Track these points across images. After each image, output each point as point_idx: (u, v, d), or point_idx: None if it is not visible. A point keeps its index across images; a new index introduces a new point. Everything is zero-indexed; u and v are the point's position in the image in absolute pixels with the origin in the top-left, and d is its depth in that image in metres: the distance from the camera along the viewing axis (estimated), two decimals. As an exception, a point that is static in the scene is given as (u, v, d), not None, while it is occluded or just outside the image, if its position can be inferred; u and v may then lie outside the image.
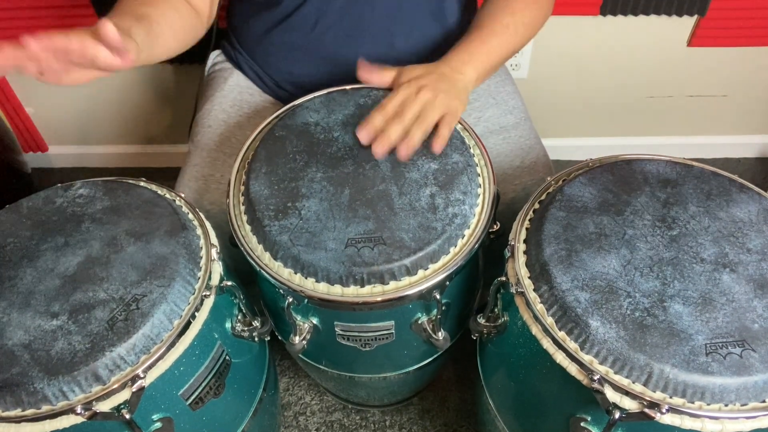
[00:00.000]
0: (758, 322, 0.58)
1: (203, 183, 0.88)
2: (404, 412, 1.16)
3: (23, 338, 0.60)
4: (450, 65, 0.78)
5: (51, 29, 0.58)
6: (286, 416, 1.17)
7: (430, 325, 0.74)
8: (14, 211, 0.72)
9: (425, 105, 0.72)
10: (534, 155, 0.90)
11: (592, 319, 0.59)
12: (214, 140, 0.93)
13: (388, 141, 0.71)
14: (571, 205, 0.69)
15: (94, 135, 1.60)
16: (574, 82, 1.44)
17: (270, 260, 0.69)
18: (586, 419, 0.63)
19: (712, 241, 0.65)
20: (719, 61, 1.39)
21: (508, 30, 0.82)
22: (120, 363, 0.59)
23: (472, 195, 0.72)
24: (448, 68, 0.77)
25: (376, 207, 0.70)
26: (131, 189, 0.74)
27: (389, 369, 0.86)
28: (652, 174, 0.73)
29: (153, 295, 0.63)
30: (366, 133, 0.72)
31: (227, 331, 0.72)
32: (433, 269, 0.68)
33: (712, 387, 0.55)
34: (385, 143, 0.71)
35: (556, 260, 0.64)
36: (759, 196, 0.70)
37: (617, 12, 1.27)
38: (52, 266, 0.66)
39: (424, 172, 0.73)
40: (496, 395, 0.81)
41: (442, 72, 0.76)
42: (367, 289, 0.67)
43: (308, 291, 0.67)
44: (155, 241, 0.68)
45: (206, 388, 0.69)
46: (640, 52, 1.37)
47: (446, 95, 0.73)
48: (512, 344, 0.70)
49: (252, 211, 0.71)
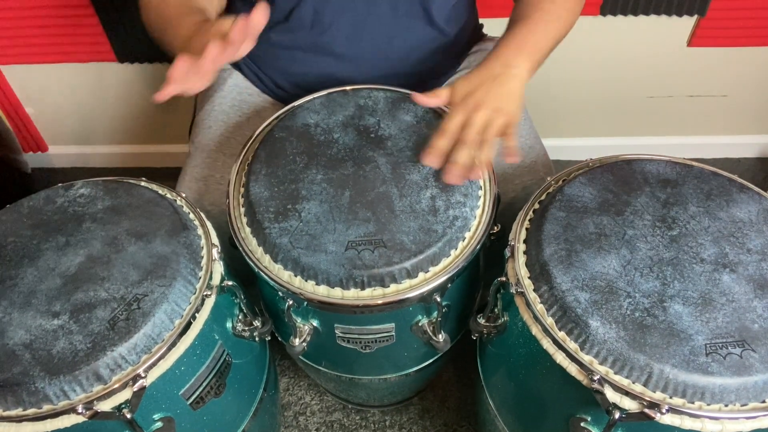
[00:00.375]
0: (758, 322, 0.59)
1: (203, 184, 0.88)
2: (404, 412, 1.16)
3: (24, 338, 0.60)
4: (501, 60, 0.75)
5: (51, 29, 0.58)
6: (286, 416, 1.17)
7: (430, 327, 0.74)
8: (15, 210, 0.72)
9: (484, 125, 0.71)
10: (534, 155, 0.91)
11: (592, 320, 0.59)
12: (214, 141, 0.93)
13: (459, 168, 0.70)
14: (571, 205, 0.69)
15: (94, 135, 1.60)
16: (574, 82, 1.44)
17: (270, 262, 0.69)
18: (586, 419, 0.63)
19: (712, 241, 0.65)
20: (719, 61, 1.39)
21: (551, 16, 0.80)
22: (121, 362, 0.59)
23: (473, 197, 0.72)
24: (500, 65, 0.75)
25: (377, 209, 0.70)
26: (132, 189, 0.74)
27: (389, 371, 0.86)
28: (652, 174, 0.73)
29: (154, 294, 0.63)
30: (434, 159, 0.71)
31: (228, 331, 0.72)
32: (433, 272, 0.68)
33: (712, 387, 0.55)
34: (456, 170, 0.70)
35: (556, 260, 0.64)
36: (759, 196, 0.70)
37: (617, 12, 1.27)
38: (53, 266, 0.66)
39: (424, 173, 0.73)
40: (496, 395, 0.81)
41: (495, 74, 0.74)
42: (368, 292, 0.67)
43: (308, 294, 0.67)
44: (156, 240, 0.68)
45: (207, 388, 0.69)
46: (640, 52, 1.37)
47: (502, 107, 0.72)
48: (512, 344, 0.70)
49: (252, 213, 0.71)
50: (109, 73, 1.42)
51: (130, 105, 1.51)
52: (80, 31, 1.30)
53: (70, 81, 1.44)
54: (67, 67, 1.40)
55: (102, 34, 1.30)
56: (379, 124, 0.79)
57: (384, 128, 0.79)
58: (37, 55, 1.36)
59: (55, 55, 1.36)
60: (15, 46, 1.34)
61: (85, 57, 1.37)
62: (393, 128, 0.79)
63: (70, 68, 1.41)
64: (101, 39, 1.31)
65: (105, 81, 1.44)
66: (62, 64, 1.39)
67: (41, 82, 1.44)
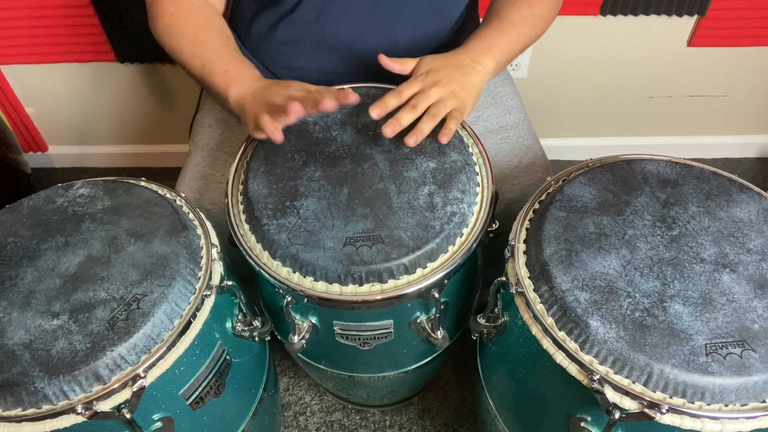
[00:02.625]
0: (758, 322, 0.59)
1: (203, 183, 0.88)
2: (404, 412, 1.16)
3: (24, 338, 0.60)
4: (470, 55, 0.78)
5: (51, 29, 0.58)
6: (286, 416, 1.17)
7: (428, 323, 0.74)
8: (15, 210, 0.72)
9: (437, 101, 0.74)
10: (532, 155, 0.90)
11: (592, 320, 0.59)
12: (215, 140, 0.93)
13: (399, 125, 0.72)
14: (571, 205, 0.69)
15: (94, 135, 1.60)
16: (574, 82, 1.44)
17: (268, 259, 0.69)
18: (586, 419, 0.63)
19: (712, 241, 0.65)
20: (719, 61, 1.39)
21: (527, 22, 0.82)
22: (120, 362, 0.59)
23: (471, 194, 0.72)
24: (468, 58, 0.78)
25: (375, 206, 0.70)
26: (131, 189, 0.74)
27: (388, 368, 0.86)
28: (652, 174, 0.73)
29: (154, 294, 0.63)
30: (378, 111, 0.73)
31: (228, 331, 0.72)
32: (431, 268, 0.68)
33: (712, 387, 0.55)
34: (396, 126, 0.72)
35: (556, 260, 0.64)
36: (759, 196, 0.70)
37: (617, 12, 1.27)
38: (52, 266, 0.66)
39: (422, 170, 0.73)
40: (496, 395, 0.81)
41: (461, 63, 0.77)
42: (366, 287, 0.67)
43: (307, 290, 0.67)
44: (156, 240, 0.68)
45: (207, 388, 0.69)
46: (640, 52, 1.37)
47: (458, 92, 0.75)
48: (512, 344, 0.70)
49: (250, 210, 0.71)
50: (109, 73, 1.42)
51: (130, 105, 1.51)
52: (80, 31, 1.30)
53: (70, 81, 1.44)
54: (67, 67, 1.40)
55: (102, 34, 1.30)
56: (378, 121, 0.79)
57: (382, 126, 0.79)
58: (37, 55, 1.36)
59: (55, 55, 1.36)
60: (15, 46, 1.34)
61: (85, 57, 1.37)
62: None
63: (70, 68, 1.41)
64: (101, 39, 1.31)
65: (105, 81, 1.45)
66: (62, 64, 1.39)
67: (41, 82, 1.44)
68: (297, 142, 0.77)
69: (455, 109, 0.75)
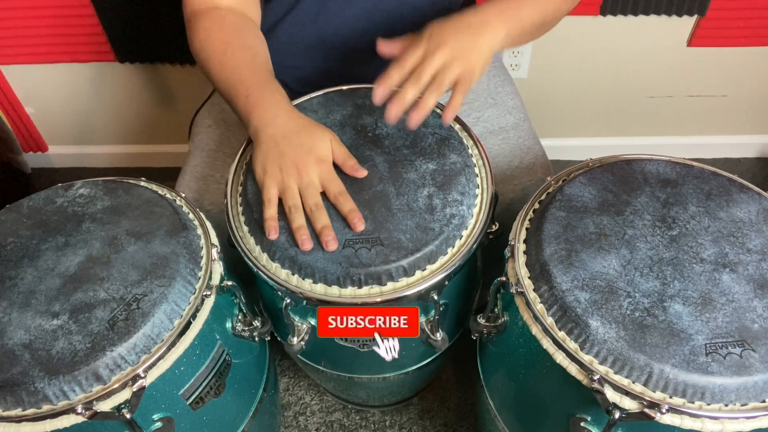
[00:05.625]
0: (758, 322, 0.59)
1: (203, 183, 0.88)
2: (404, 412, 1.16)
3: (24, 338, 0.60)
4: (479, 17, 0.71)
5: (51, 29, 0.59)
6: (286, 416, 1.17)
7: (428, 325, 0.74)
8: (15, 210, 0.72)
9: (442, 66, 0.67)
10: (532, 156, 0.90)
11: (592, 319, 0.59)
12: (214, 140, 0.93)
13: (403, 104, 0.67)
14: (571, 205, 0.69)
15: (94, 135, 1.60)
16: (574, 82, 1.44)
17: (268, 261, 0.69)
18: (586, 419, 0.63)
19: (712, 241, 0.65)
20: (719, 61, 1.39)
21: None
22: (120, 363, 0.59)
23: (470, 195, 0.72)
24: (476, 20, 0.70)
25: (374, 208, 0.70)
26: (131, 189, 0.74)
27: (388, 369, 0.85)
28: (652, 174, 0.73)
29: (153, 294, 0.63)
30: (382, 91, 0.68)
31: (228, 331, 0.72)
32: (430, 270, 0.68)
33: (712, 387, 0.55)
34: (400, 107, 0.67)
35: (556, 260, 0.64)
36: (759, 196, 0.70)
37: (617, 12, 1.27)
38: (52, 266, 0.66)
39: (421, 172, 0.73)
40: (496, 395, 0.81)
41: (469, 24, 0.70)
42: (365, 290, 0.67)
43: (306, 292, 0.67)
44: (156, 240, 0.68)
45: (207, 388, 0.69)
46: (640, 52, 1.37)
47: (465, 54, 0.68)
48: (512, 344, 0.70)
49: (250, 211, 0.71)
50: (109, 73, 1.42)
51: (130, 105, 1.51)
52: (80, 31, 1.30)
53: (70, 81, 1.44)
54: (67, 67, 1.40)
55: (102, 34, 1.30)
56: (377, 123, 0.79)
57: (381, 127, 0.79)
58: (37, 55, 1.36)
59: (55, 55, 1.36)
60: (15, 46, 1.34)
61: (85, 57, 1.37)
62: (390, 127, 0.79)
63: (70, 68, 1.41)
64: (101, 39, 1.31)
65: (105, 81, 1.45)
66: (62, 64, 1.39)
67: (41, 82, 1.44)
68: None
69: (462, 75, 0.67)
